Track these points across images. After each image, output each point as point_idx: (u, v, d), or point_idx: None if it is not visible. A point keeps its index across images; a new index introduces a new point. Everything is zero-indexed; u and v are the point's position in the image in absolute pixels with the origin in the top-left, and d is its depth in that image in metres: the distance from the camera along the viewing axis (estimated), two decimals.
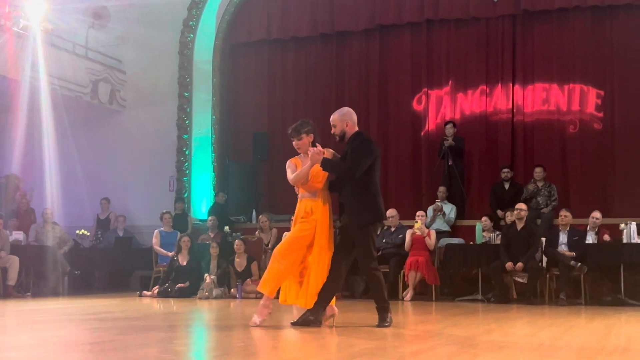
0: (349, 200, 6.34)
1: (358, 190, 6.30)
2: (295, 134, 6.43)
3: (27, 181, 13.06)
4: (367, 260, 6.34)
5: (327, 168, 6.26)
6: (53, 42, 12.62)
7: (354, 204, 6.31)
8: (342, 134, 6.45)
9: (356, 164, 6.24)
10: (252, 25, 14.58)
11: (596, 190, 12.36)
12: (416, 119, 13.61)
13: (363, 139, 6.45)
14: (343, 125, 6.45)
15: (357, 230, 6.28)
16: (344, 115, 6.49)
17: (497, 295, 10.28)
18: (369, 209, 6.31)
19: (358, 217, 6.27)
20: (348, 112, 6.54)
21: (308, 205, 6.34)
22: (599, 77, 12.65)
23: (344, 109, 6.59)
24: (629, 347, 5.33)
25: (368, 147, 6.36)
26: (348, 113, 6.52)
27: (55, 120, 12.52)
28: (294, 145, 6.49)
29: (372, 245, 6.36)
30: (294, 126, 6.48)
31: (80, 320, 7.50)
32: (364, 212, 6.28)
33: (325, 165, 6.23)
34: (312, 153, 6.24)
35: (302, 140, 6.42)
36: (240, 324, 7.04)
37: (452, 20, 13.41)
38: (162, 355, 4.74)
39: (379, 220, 6.48)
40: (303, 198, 6.41)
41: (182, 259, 11.39)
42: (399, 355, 4.83)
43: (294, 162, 6.50)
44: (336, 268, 6.29)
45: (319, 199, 6.35)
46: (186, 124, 14.35)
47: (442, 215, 12.01)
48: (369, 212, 6.30)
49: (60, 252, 11.85)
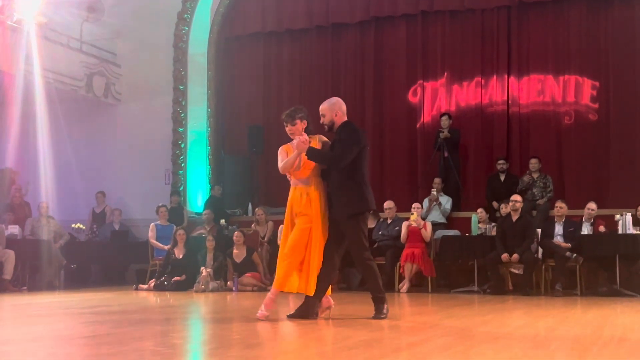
0: (336, 190, 6.31)
1: (345, 180, 6.28)
2: (289, 119, 6.39)
3: (22, 175, 13.03)
4: (358, 250, 6.33)
5: (313, 157, 6.23)
6: (47, 36, 12.57)
7: (341, 194, 6.28)
8: (331, 123, 6.44)
9: (342, 154, 6.23)
10: (247, 18, 14.54)
11: (591, 182, 12.38)
12: (412, 111, 13.61)
13: (350, 128, 6.43)
14: (332, 115, 6.44)
15: (346, 220, 6.27)
16: (334, 105, 6.48)
17: (493, 286, 10.30)
18: (357, 198, 6.28)
19: (346, 207, 6.25)
20: (337, 101, 6.52)
21: (303, 192, 6.29)
22: (594, 68, 12.65)
23: (333, 99, 6.57)
24: (624, 337, 5.35)
25: (355, 137, 6.34)
26: (337, 103, 6.51)
27: (50, 114, 12.48)
28: (287, 131, 6.43)
29: (362, 235, 6.32)
30: (287, 112, 6.45)
31: (76, 314, 7.49)
32: (351, 202, 6.25)
33: (310, 155, 6.21)
34: (298, 142, 6.22)
35: (295, 125, 6.37)
36: (237, 317, 7.04)
37: (447, 12, 13.39)
38: (158, 348, 4.74)
39: (367, 210, 6.37)
40: (297, 185, 6.36)
41: (178, 252, 11.38)
42: (395, 346, 4.84)
43: (285, 150, 6.45)
44: (329, 259, 6.27)
45: (312, 186, 6.31)
46: (181, 117, 14.33)
47: (438, 205, 12.01)
48: (356, 202, 6.27)
49: (56, 246, 11.83)
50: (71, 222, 12.88)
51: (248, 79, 14.67)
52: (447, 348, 4.69)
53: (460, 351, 4.52)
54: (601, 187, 12.31)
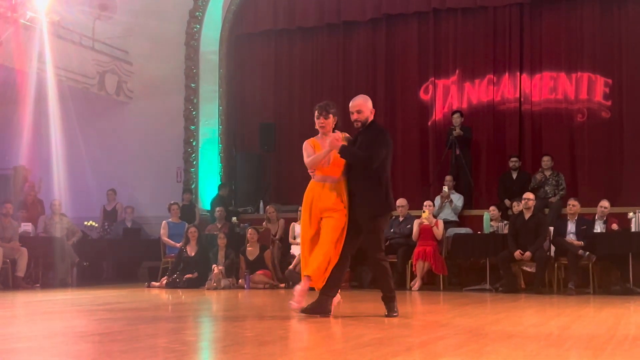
0: (362, 189, 6.25)
1: (371, 181, 6.23)
2: (324, 112, 6.29)
3: (35, 173, 13.09)
4: (375, 250, 6.31)
5: (345, 156, 6.17)
6: (60, 34, 12.62)
7: (367, 194, 6.23)
8: (366, 121, 6.35)
9: (375, 154, 6.17)
10: (259, 16, 14.55)
11: (604, 179, 12.33)
12: (423, 109, 13.58)
13: (379, 128, 6.41)
14: (369, 112, 6.37)
15: (368, 220, 6.25)
16: (369, 102, 6.40)
17: (505, 284, 10.27)
18: (381, 199, 6.26)
19: (370, 207, 6.22)
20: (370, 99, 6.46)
21: (333, 188, 6.20)
22: (606, 66, 12.58)
23: (365, 96, 6.49)
24: (638, 336, 5.31)
25: (384, 138, 6.31)
26: (370, 100, 6.45)
27: (62, 112, 12.54)
28: (318, 124, 6.33)
29: (381, 235, 6.34)
30: (322, 104, 6.37)
31: (89, 310, 7.52)
32: (375, 202, 6.23)
33: (344, 153, 6.14)
34: (331, 139, 6.16)
35: (329, 119, 6.30)
36: (249, 314, 7.05)
37: (459, 9, 13.36)
38: (171, 345, 4.75)
39: (389, 212, 6.42)
40: (325, 181, 6.25)
41: (190, 250, 11.41)
42: (407, 345, 4.83)
43: (310, 144, 6.35)
44: (345, 256, 6.26)
45: (342, 183, 6.25)
46: (193, 115, 14.35)
47: (450, 203, 11.97)
48: (381, 203, 6.26)
49: (69, 243, 11.88)
50: (83, 220, 12.93)
51: (259, 76, 14.68)
52: (459, 347, 4.67)
53: (473, 350, 4.50)
54: (614, 184, 12.25)
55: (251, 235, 11.35)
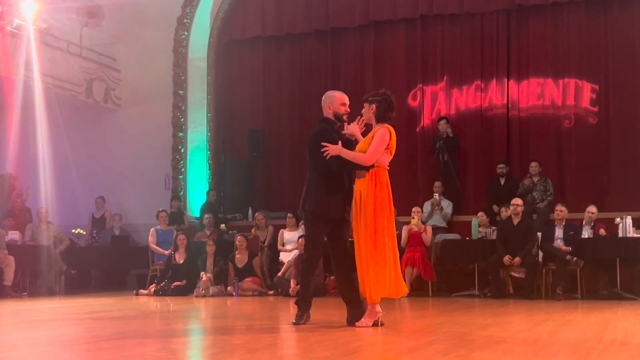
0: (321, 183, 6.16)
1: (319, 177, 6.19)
2: (371, 97, 6.30)
3: (22, 180, 13.03)
4: (306, 247, 6.33)
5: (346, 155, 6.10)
6: (47, 41, 12.58)
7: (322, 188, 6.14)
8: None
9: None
10: (247, 22, 14.55)
11: (592, 185, 12.39)
12: (411, 115, 13.60)
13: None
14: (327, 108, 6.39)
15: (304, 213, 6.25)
16: (326, 97, 6.43)
17: (494, 290, 10.29)
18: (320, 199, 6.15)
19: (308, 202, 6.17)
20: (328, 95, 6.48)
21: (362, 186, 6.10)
22: (593, 72, 12.66)
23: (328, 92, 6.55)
24: (625, 340, 5.34)
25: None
26: (328, 96, 6.46)
27: (49, 119, 12.49)
28: (364, 110, 6.31)
29: (315, 235, 6.22)
30: (372, 93, 6.39)
31: (76, 319, 7.48)
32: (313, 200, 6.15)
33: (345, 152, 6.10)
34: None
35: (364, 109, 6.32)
36: (238, 322, 7.03)
37: (446, 16, 13.40)
38: (158, 353, 4.74)
39: (322, 216, 6.17)
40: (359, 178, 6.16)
41: (179, 257, 11.38)
42: (396, 351, 4.83)
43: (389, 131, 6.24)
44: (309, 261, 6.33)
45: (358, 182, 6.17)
46: (181, 122, 14.33)
47: (440, 210, 12.00)
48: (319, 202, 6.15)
49: (56, 252, 11.83)
50: (71, 228, 12.87)
51: (248, 83, 14.68)
52: (448, 352, 4.68)
53: (462, 355, 4.51)
54: (601, 190, 12.31)
55: (240, 243, 11.34)
